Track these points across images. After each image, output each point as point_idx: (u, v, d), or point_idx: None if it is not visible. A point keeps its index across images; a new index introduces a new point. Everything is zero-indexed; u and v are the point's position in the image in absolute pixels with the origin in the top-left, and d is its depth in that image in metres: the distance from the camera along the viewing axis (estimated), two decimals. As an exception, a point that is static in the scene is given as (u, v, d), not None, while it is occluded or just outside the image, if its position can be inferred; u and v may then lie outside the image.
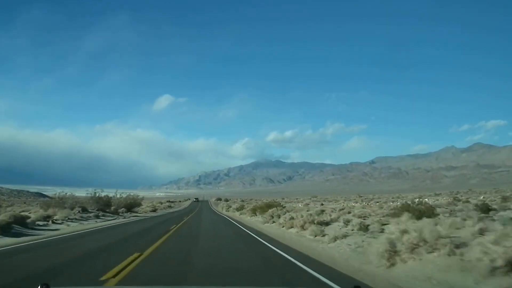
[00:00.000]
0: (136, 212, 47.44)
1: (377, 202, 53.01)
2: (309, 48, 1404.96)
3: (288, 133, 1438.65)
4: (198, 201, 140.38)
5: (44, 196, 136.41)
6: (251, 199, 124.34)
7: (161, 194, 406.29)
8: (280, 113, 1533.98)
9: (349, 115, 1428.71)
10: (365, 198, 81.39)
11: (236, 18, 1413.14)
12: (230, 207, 63.46)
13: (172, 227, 22.45)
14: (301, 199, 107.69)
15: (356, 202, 56.82)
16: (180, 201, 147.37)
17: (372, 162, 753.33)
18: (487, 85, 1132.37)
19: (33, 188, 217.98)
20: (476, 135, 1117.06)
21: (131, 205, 46.70)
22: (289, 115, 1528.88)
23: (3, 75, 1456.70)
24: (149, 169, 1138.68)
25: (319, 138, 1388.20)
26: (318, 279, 7.80)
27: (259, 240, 16.09)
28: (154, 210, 61.59)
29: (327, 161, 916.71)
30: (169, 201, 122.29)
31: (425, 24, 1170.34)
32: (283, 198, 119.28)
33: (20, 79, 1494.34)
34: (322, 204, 52.25)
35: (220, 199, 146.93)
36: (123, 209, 42.28)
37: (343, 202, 59.65)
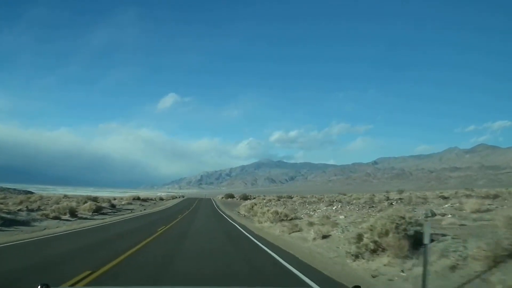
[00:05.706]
0: None
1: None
2: (317, 48, 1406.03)
3: (293, 133, 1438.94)
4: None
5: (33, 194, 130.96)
6: (291, 197, 73.91)
7: (163, 193, 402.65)
8: (285, 113, 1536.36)
9: (355, 115, 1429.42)
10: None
11: (243, 17, 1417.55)
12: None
13: None
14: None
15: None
16: (162, 200, 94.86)
17: (375, 162, 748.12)
18: (495, 86, 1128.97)
19: (34, 188, 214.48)
20: (481, 136, 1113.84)
21: None
22: (294, 114, 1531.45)
23: (7, 73, 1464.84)
24: (152, 169, 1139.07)
25: (323, 138, 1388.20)
26: None
27: None
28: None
29: (330, 162, 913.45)
30: (138, 199, 72.94)
31: (433, 25, 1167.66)
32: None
33: (24, 78, 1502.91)
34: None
35: (232, 196, 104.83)
36: None
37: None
